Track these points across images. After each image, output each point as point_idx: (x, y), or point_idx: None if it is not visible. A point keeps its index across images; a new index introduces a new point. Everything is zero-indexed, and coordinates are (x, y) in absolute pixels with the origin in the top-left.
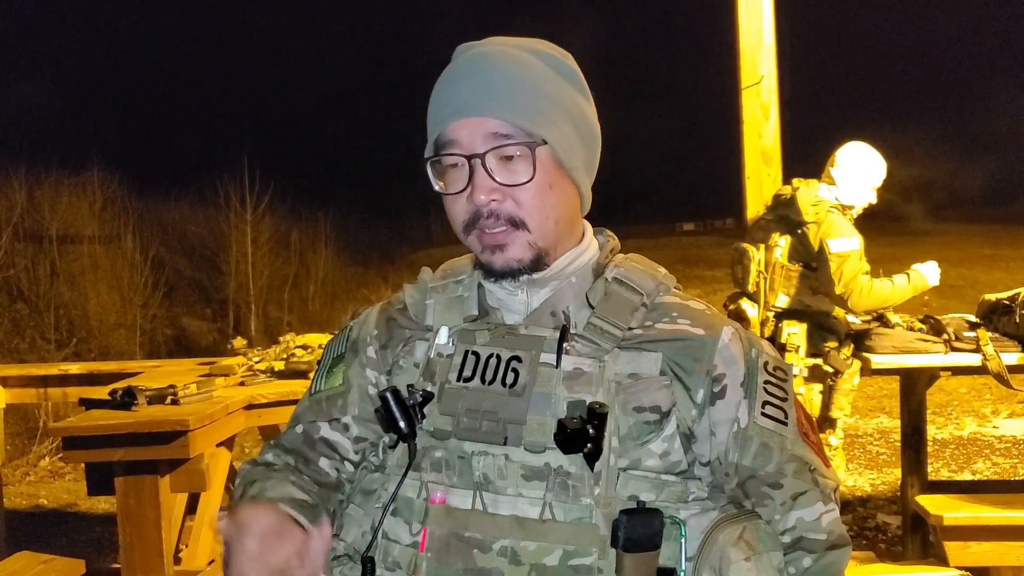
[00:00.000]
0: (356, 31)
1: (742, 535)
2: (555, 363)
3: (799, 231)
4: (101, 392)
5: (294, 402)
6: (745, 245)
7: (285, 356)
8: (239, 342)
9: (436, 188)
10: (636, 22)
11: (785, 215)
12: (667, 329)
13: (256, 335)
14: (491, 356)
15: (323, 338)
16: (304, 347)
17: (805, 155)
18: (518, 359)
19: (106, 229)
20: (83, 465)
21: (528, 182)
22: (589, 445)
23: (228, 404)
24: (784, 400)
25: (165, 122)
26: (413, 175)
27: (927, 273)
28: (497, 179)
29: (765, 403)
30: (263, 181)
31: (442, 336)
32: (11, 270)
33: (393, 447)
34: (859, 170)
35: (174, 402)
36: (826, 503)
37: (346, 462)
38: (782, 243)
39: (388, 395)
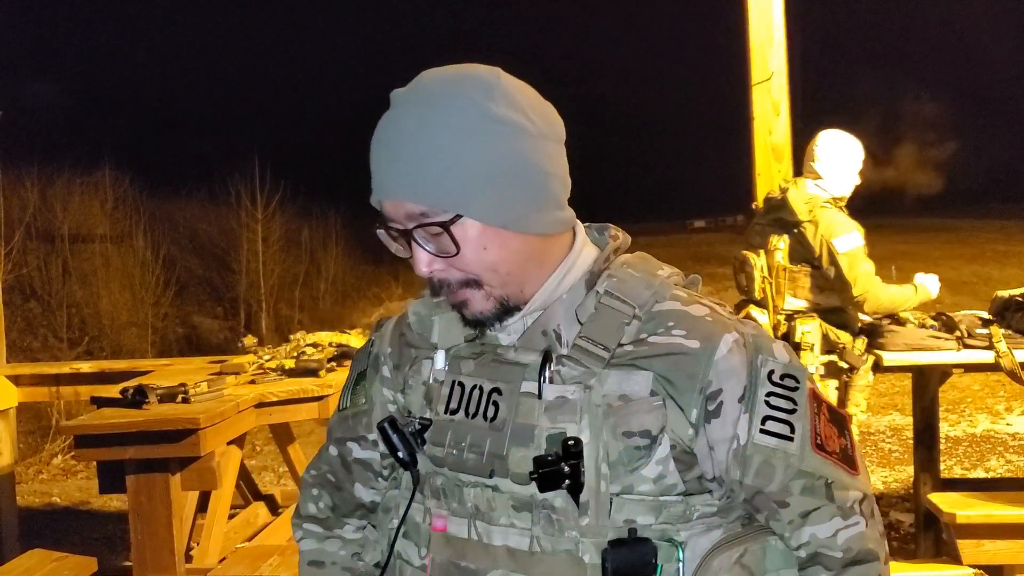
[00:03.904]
0: (365, 30)
1: (740, 559)
2: (538, 393)
3: (796, 231)
4: (112, 391)
5: (304, 400)
6: (746, 253)
7: (296, 354)
8: (250, 340)
9: (393, 251)
10: (645, 19)
11: (780, 217)
12: (660, 343)
13: (267, 333)
14: (474, 388)
15: (334, 336)
16: (315, 345)
17: None
18: (498, 391)
19: (117, 228)
20: (95, 463)
21: (456, 254)
22: (567, 481)
23: (239, 402)
24: (791, 412)
25: (176, 121)
26: None
27: (929, 285)
28: (431, 251)
29: (766, 418)
30: (274, 179)
31: (439, 361)
32: (24, 269)
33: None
34: (841, 158)
35: (185, 400)
36: (845, 518)
37: (379, 479)
38: (781, 246)
39: (386, 425)
